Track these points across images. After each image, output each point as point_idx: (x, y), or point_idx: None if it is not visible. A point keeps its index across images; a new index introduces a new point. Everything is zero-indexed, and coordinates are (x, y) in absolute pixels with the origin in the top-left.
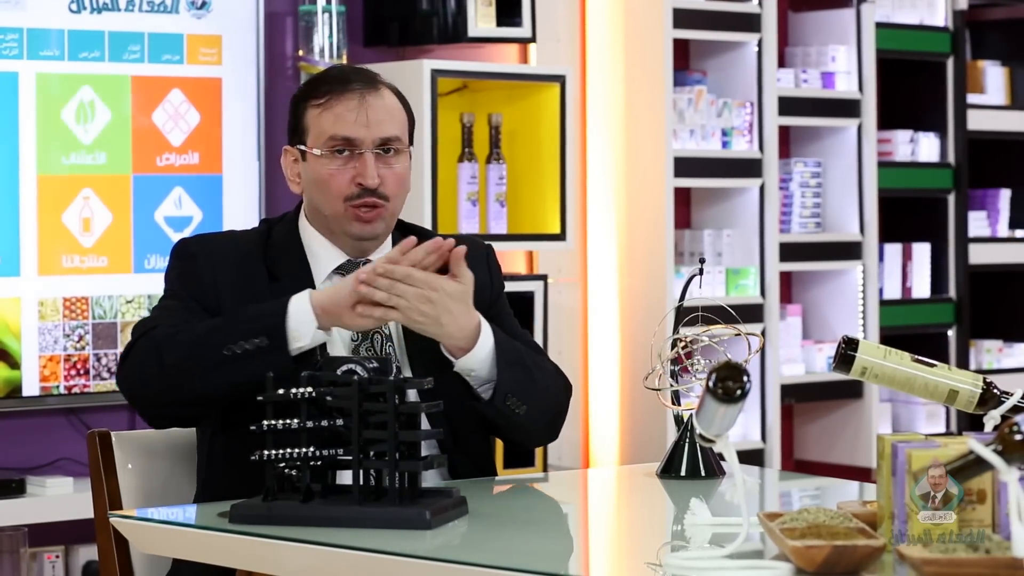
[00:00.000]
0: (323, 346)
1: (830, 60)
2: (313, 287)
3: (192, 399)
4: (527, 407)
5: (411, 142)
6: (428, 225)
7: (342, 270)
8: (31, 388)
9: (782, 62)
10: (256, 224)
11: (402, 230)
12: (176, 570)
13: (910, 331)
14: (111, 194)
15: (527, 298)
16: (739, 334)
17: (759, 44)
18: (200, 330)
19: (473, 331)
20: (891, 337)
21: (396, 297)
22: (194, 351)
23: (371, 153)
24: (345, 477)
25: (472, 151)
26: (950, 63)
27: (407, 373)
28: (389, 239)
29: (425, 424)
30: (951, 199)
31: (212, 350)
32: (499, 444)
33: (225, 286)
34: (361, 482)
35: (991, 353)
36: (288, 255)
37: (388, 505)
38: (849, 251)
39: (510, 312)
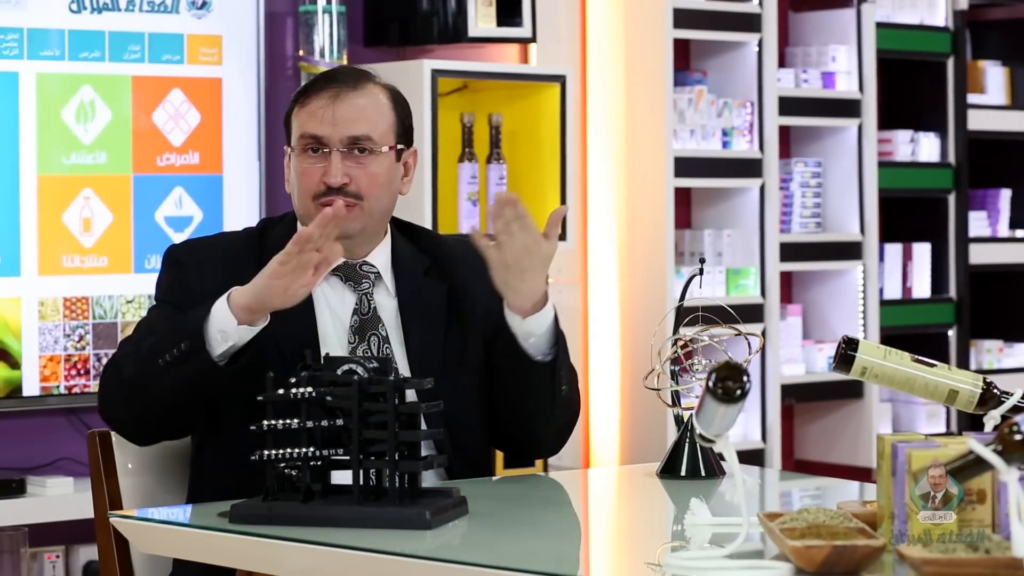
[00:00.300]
0: (318, 348)
1: (830, 60)
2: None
3: (150, 412)
4: (566, 388)
5: (407, 144)
6: (428, 226)
7: (338, 272)
8: (31, 388)
9: (782, 62)
10: (255, 223)
11: (400, 229)
12: (176, 570)
13: (910, 331)
14: (111, 194)
15: None
16: (739, 334)
17: (759, 44)
18: (145, 343)
19: (542, 298)
20: (891, 337)
21: (507, 233)
22: (140, 364)
23: (338, 152)
24: (345, 477)
25: (472, 151)
26: (950, 63)
27: (405, 374)
28: (387, 239)
29: (423, 425)
30: (951, 199)
31: (152, 362)
32: None
33: (214, 292)
34: (361, 482)
35: (991, 353)
36: None
37: (388, 505)
38: (849, 251)
39: None
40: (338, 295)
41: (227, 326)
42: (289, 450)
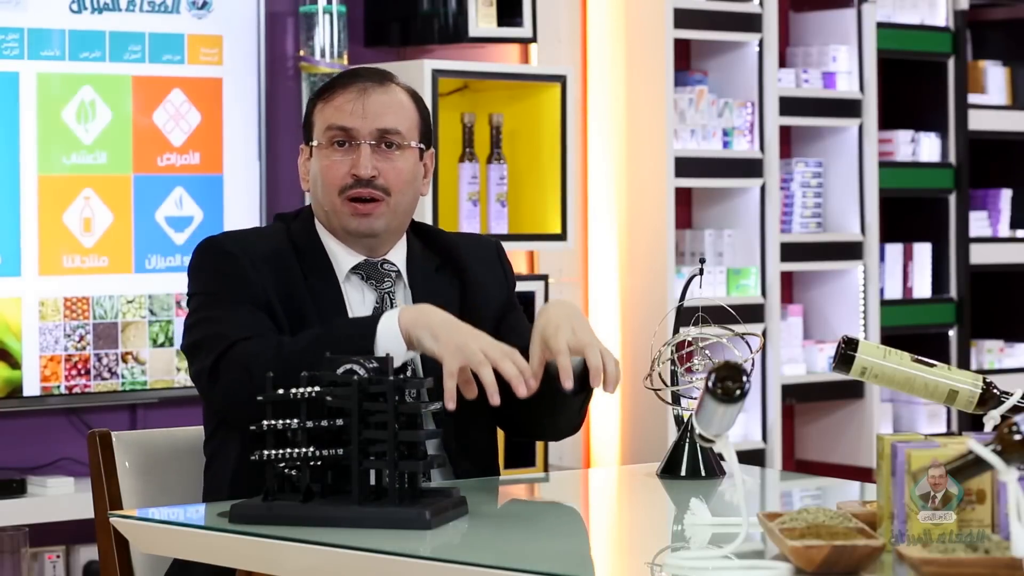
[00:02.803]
0: None
1: (831, 60)
2: (337, 285)
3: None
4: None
5: (428, 145)
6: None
7: (359, 270)
8: (32, 388)
9: (783, 62)
10: (259, 223)
11: (415, 231)
12: (177, 570)
13: (911, 331)
14: (112, 194)
15: (528, 298)
16: (737, 335)
17: (760, 44)
18: (288, 349)
19: None
20: (892, 337)
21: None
22: (287, 374)
23: (367, 144)
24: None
25: (473, 151)
26: (951, 63)
27: (420, 374)
28: (403, 240)
29: (430, 424)
30: (952, 199)
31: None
32: (500, 444)
33: (269, 285)
34: (361, 482)
35: (992, 353)
36: (312, 253)
37: (388, 505)
38: (850, 251)
39: (520, 307)
40: (359, 294)
41: (394, 348)
42: (289, 450)
